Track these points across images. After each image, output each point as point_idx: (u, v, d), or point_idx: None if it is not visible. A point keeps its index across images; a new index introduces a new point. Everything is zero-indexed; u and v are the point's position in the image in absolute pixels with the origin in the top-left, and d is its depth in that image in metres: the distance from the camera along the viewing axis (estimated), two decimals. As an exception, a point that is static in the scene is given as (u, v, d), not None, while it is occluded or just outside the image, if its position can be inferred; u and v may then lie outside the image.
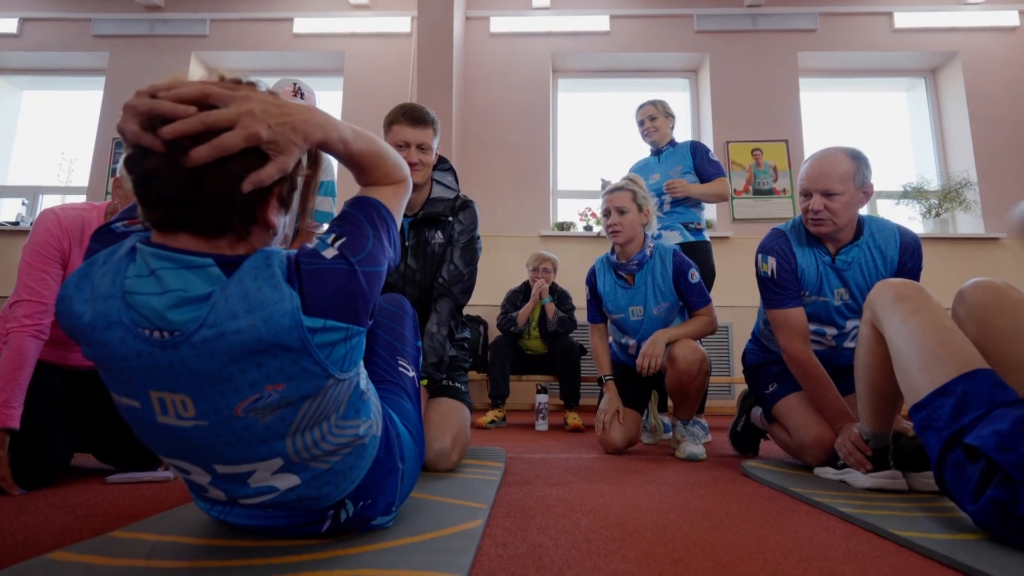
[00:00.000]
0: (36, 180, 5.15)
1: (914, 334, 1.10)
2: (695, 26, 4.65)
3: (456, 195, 1.77)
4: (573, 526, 1.04)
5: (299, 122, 0.69)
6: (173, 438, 0.70)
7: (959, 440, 0.95)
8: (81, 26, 4.85)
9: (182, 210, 0.64)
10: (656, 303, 2.02)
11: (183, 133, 0.62)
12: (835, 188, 1.52)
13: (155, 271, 0.65)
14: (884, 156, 4.88)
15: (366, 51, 4.74)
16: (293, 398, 0.69)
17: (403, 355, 1.23)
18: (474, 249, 1.75)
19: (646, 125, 2.67)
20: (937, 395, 1.01)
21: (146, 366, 0.65)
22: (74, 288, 0.67)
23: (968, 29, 4.56)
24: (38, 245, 1.38)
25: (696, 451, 1.88)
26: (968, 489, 0.92)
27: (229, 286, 0.65)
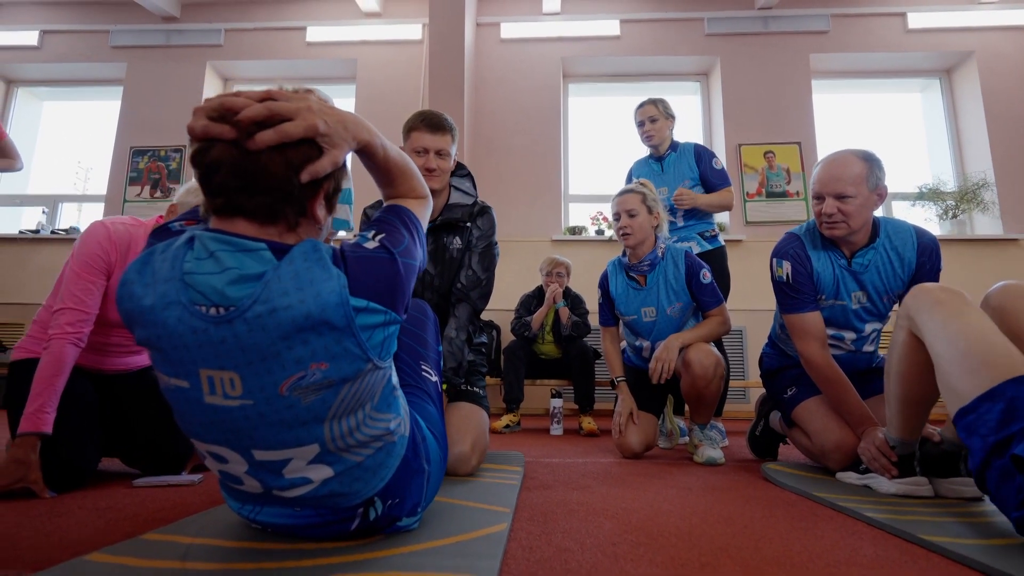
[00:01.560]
0: (55, 189, 5.25)
1: (956, 338, 1.08)
2: (706, 29, 4.64)
3: (474, 201, 1.78)
4: (597, 530, 1.04)
5: (350, 122, 0.77)
6: (217, 419, 0.73)
7: (1006, 447, 0.92)
8: (99, 38, 4.95)
9: (241, 196, 0.70)
10: (669, 303, 2.02)
11: (252, 118, 0.69)
12: (848, 191, 1.51)
13: (213, 253, 0.70)
14: (899, 157, 4.84)
15: (378, 58, 4.79)
16: (335, 379, 0.72)
17: (426, 360, 1.24)
18: (492, 255, 1.76)
19: (646, 127, 2.55)
20: (984, 399, 0.99)
21: (200, 343, 0.69)
22: (135, 274, 0.73)
23: (983, 29, 4.52)
24: (87, 256, 1.41)
25: (714, 455, 1.87)
26: (1013, 496, 0.91)
27: (281, 267, 0.70)
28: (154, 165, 4.71)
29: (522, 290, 3.49)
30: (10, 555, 0.84)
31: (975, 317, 1.10)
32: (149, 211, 4.60)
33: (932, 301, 1.17)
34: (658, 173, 2.58)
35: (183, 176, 4.66)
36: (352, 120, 0.78)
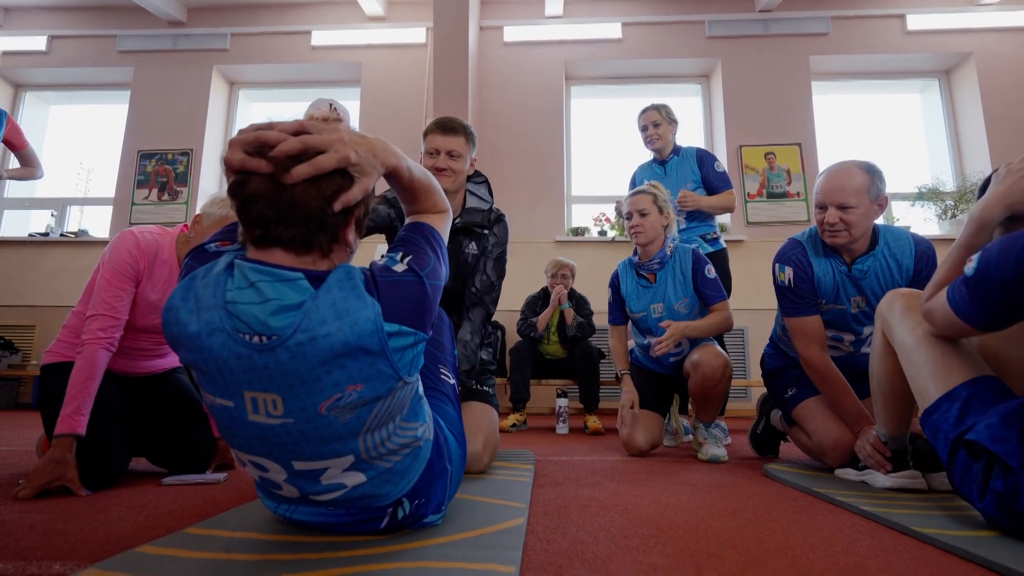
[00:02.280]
0: (63, 192, 5.31)
1: (920, 344, 1.17)
2: (707, 32, 4.70)
3: (490, 207, 1.83)
4: (609, 524, 1.10)
5: (379, 149, 0.82)
6: (260, 435, 0.79)
7: (963, 441, 1.02)
8: (107, 42, 5.01)
9: (279, 227, 0.74)
10: (677, 299, 2.09)
11: (287, 153, 0.73)
12: (850, 202, 1.57)
13: (254, 283, 0.74)
14: (898, 158, 4.90)
15: (382, 62, 4.85)
16: (369, 398, 0.78)
17: (443, 363, 1.30)
18: (504, 261, 1.82)
19: (649, 131, 2.60)
20: (944, 400, 1.09)
21: (244, 368, 0.74)
22: (180, 300, 0.77)
23: (982, 30, 4.57)
24: (118, 264, 1.47)
25: (718, 453, 1.93)
26: (975, 487, 0.99)
27: (319, 296, 0.75)
28: (161, 168, 4.77)
29: (527, 291, 3.55)
30: (65, 548, 0.90)
31: None
32: (157, 214, 4.66)
33: (903, 307, 1.25)
34: (661, 176, 2.63)
35: (191, 179, 4.72)
36: (380, 147, 0.82)
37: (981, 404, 1.03)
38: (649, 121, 2.61)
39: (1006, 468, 0.94)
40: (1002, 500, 0.94)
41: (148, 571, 0.77)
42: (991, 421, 0.97)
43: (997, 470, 0.95)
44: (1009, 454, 0.93)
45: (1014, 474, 0.92)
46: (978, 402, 1.04)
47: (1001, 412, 0.98)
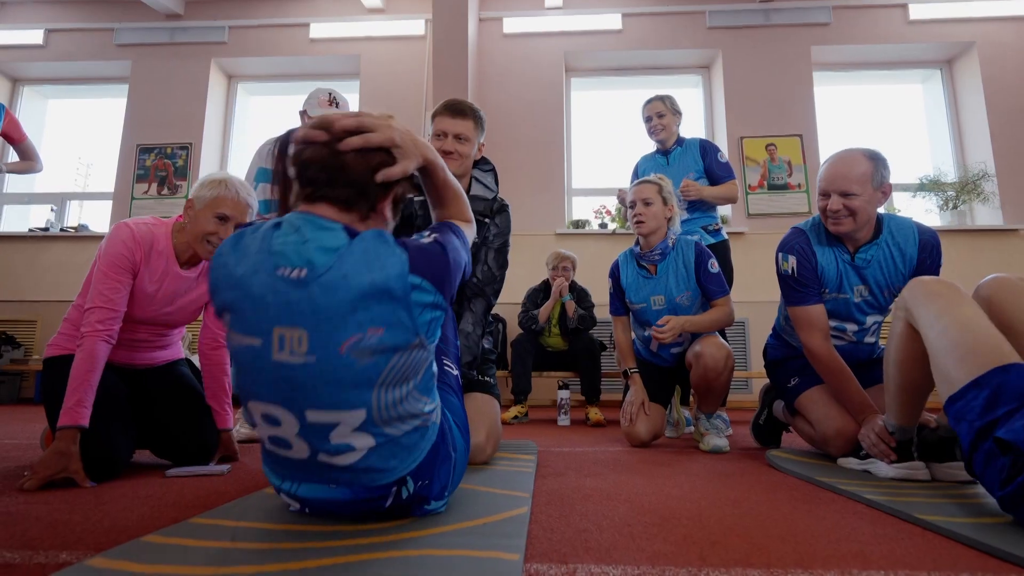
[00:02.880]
0: (62, 187, 5.30)
1: (949, 329, 1.14)
2: (707, 22, 4.67)
3: (494, 196, 1.81)
4: (612, 512, 1.11)
5: (420, 143, 0.95)
6: (281, 376, 0.82)
7: (990, 431, 0.99)
8: (104, 36, 4.99)
9: (327, 187, 0.87)
10: (679, 291, 2.08)
11: (344, 127, 0.88)
12: (853, 189, 1.56)
13: (299, 228, 0.84)
14: (900, 149, 4.88)
15: (381, 54, 4.82)
16: (387, 345, 0.83)
17: (447, 354, 1.30)
18: (506, 252, 1.81)
19: (653, 122, 2.61)
20: (971, 387, 1.05)
21: (278, 303, 0.81)
22: (230, 248, 0.88)
23: (984, 19, 4.55)
24: (114, 256, 1.47)
25: (720, 443, 1.93)
26: (998, 477, 0.97)
27: (354, 244, 0.84)
28: (161, 162, 4.76)
29: (528, 284, 3.54)
30: (71, 538, 0.91)
31: (968, 309, 1.16)
32: (156, 208, 4.65)
33: (928, 293, 1.23)
34: (664, 167, 2.63)
35: (190, 173, 4.71)
36: (422, 142, 0.95)
37: (1011, 393, 1.00)
38: (653, 112, 2.62)
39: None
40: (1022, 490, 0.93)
41: (154, 560, 0.77)
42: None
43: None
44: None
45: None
46: (1008, 391, 1.01)
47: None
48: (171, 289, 1.57)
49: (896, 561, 0.83)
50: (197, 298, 1.65)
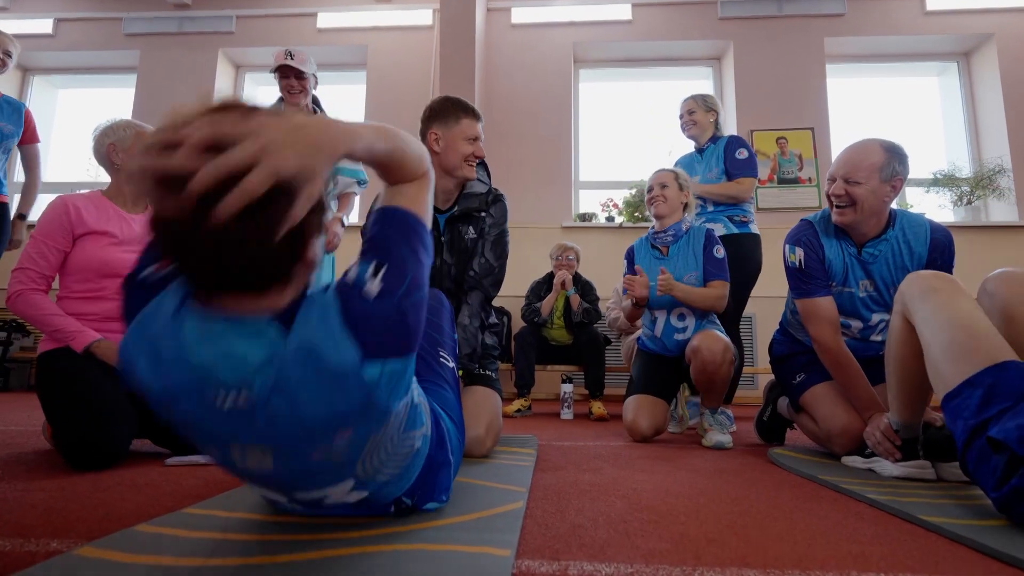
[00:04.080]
0: (72, 177, 5.33)
1: (944, 326, 1.12)
2: (719, 13, 4.60)
3: (488, 189, 1.81)
4: (608, 508, 1.09)
5: (321, 140, 0.64)
6: (255, 476, 0.79)
7: (984, 430, 0.98)
8: (113, 25, 5.00)
9: (219, 275, 0.62)
10: (687, 271, 2.12)
11: (205, 188, 0.56)
12: (858, 177, 1.54)
13: (211, 335, 0.65)
14: (915, 143, 4.79)
15: (389, 44, 4.80)
16: (362, 438, 0.74)
17: (443, 346, 1.29)
18: (504, 243, 1.80)
19: (685, 119, 2.67)
20: (966, 385, 1.04)
21: (224, 431, 0.70)
22: (134, 349, 0.68)
23: (1003, 10, 4.44)
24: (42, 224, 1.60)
25: (723, 439, 1.91)
26: (992, 477, 0.96)
27: (289, 345, 0.64)
28: (169, 152, 4.77)
29: (532, 276, 3.53)
30: (64, 526, 0.91)
31: (965, 305, 1.14)
32: (165, 198, 4.67)
33: (925, 288, 1.21)
34: (697, 163, 2.68)
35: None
36: (323, 136, 0.64)
37: (1005, 392, 0.99)
38: (685, 110, 2.68)
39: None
40: (1019, 494, 0.92)
41: (144, 550, 0.77)
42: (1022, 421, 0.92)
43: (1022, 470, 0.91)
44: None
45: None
46: (1002, 389, 0.99)
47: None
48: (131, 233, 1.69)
49: (896, 563, 0.81)
50: None
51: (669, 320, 2.14)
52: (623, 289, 2.20)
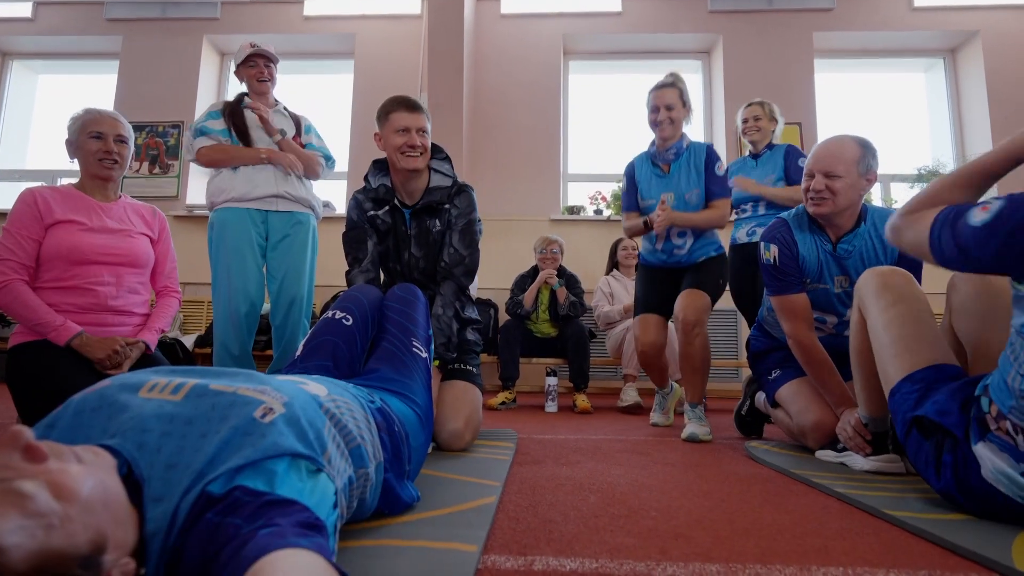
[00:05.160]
0: (53, 164, 5.24)
1: (891, 323, 1.17)
2: (709, 6, 4.58)
3: (453, 181, 1.83)
4: (582, 503, 1.11)
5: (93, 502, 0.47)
6: None
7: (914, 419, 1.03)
8: (94, 9, 4.89)
9: None
10: (688, 189, 2.15)
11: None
12: (838, 170, 1.56)
13: None
14: (900, 139, 4.82)
15: (376, 33, 4.74)
16: None
17: (416, 337, 1.29)
18: (473, 231, 1.80)
19: (749, 123, 2.68)
20: (906, 381, 1.10)
21: None
22: None
23: (989, 7, 4.46)
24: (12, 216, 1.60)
25: (695, 431, 1.93)
26: (930, 466, 1.01)
27: None
28: (152, 141, 4.70)
29: (519, 269, 3.52)
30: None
31: (914, 304, 1.20)
32: (148, 187, 4.61)
33: (879, 285, 1.25)
34: (752, 168, 2.68)
35: (181, 152, 4.65)
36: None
37: (939, 388, 1.04)
38: (751, 114, 2.69)
39: (954, 441, 0.96)
40: (955, 475, 0.97)
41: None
42: (938, 398, 1.00)
43: (947, 444, 0.97)
44: (953, 425, 0.95)
45: (960, 445, 0.95)
46: (938, 386, 1.04)
47: (947, 389, 1.00)
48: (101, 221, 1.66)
49: (856, 557, 0.83)
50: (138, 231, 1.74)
51: (669, 238, 2.19)
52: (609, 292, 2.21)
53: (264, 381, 0.70)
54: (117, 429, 0.58)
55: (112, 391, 0.63)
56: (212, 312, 4.27)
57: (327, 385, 0.86)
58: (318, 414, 0.71)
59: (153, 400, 0.62)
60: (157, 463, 0.56)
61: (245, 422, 0.60)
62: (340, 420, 0.78)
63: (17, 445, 0.44)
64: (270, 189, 2.18)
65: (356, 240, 1.81)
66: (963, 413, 0.96)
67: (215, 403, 0.62)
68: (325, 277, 3.52)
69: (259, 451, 0.57)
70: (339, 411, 0.79)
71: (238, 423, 0.60)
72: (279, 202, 2.22)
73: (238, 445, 0.58)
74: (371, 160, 1.90)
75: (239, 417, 0.60)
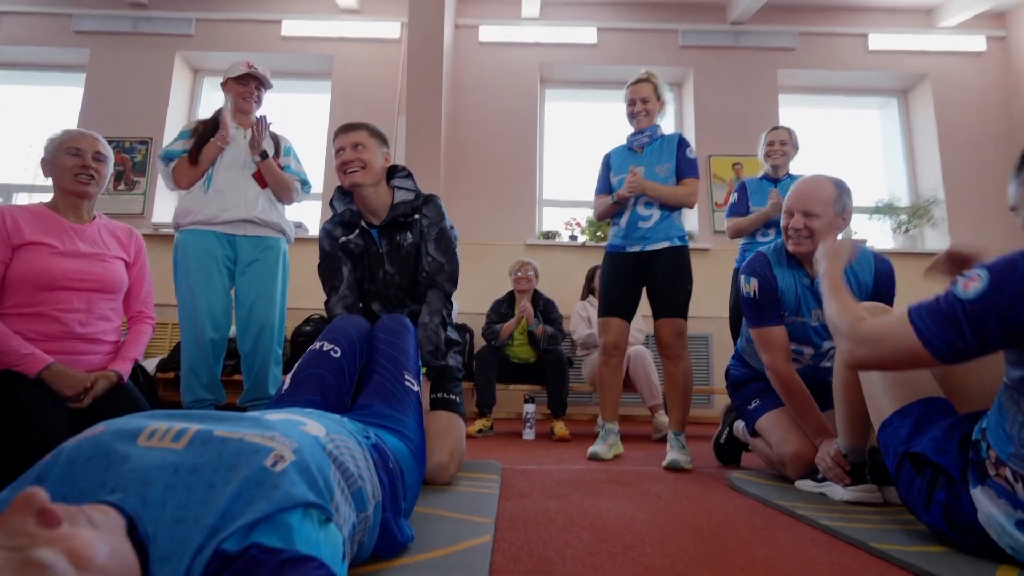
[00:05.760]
0: (10, 178, 5.02)
1: None
2: (680, 41, 4.76)
3: (416, 194, 1.82)
4: (576, 540, 1.10)
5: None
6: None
7: (908, 454, 1.06)
8: (62, 21, 4.75)
9: None
10: (659, 163, 2.25)
11: None
12: (816, 210, 1.63)
13: None
14: (857, 172, 5.06)
15: (355, 56, 4.74)
16: None
17: (407, 369, 1.28)
18: (448, 238, 1.79)
19: (776, 147, 2.75)
20: (897, 416, 1.14)
21: None
22: None
23: (938, 53, 4.77)
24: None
25: (677, 459, 1.95)
26: (921, 500, 1.03)
27: None
28: (118, 156, 4.54)
29: (495, 293, 3.52)
30: None
31: None
32: (113, 204, 4.45)
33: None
34: (767, 189, 2.75)
35: (149, 168, 4.53)
36: None
37: (931, 423, 1.07)
38: (778, 138, 2.77)
39: (949, 479, 0.98)
40: (945, 511, 0.99)
41: None
42: (935, 435, 1.02)
43: (940, 482, 0.99)
44: (951, 465, 0.97)
45: (955, 485, 0.96)
46: (928, 421, 1.07)
47: (944, 426, 1.02)
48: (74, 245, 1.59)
49: (851, 595, 0.85)
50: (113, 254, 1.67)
51: (635, 209, 2.25)
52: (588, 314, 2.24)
53: (270, 426, 0.68)
54: (117, 482, 0.55)
55: (107, 439, 0.60)
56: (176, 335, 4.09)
57: (324, 423, 0.84)
58: (323, 459, 0.69)
59: (155, 450, 0.59)
60: (163, 519, 0.53)
61: (256, 472, 0.58)
62: (341, 461, 0.76)
63: (31, 509, 0.42)
64: (239, 213, 2.13)
65: (330, 270, 1.81)
66: (961, 453, 0.98)
67: (221, 451, 0.60)
68: (298, 300, 3.44)
69: (273, 504, 0.55)
70: (339, 452, 0.77)
71: (248, 473, 0.57)
72: (248, 227, 2.17)
73: (250, 497, 0.55)
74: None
75: (249, 466, 0.58)
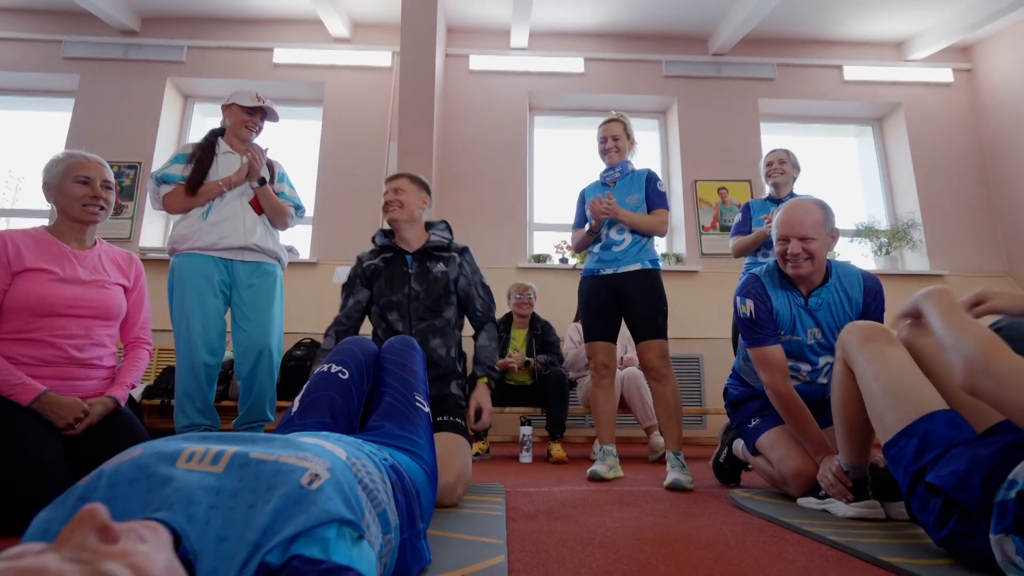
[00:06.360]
0: (-7, 202, 4.95)
1: (880, 375, 1.24)
2: (664, 71, 4.92)
3: (451, 241, 2.05)
4: (589, 560, 1.09)
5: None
6: None
7: (922, 476, 1.07)
8: (51, 47, 4.76)
9: None
10: (629, 194, 2.37)
11: None
12: (810, 233, 1.68)
13: None
14: (838, 197, 5.22)
15: (346, 83, 4.81)
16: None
17: (418, 390, 1.28)
18: (486, 284, 2.05)
19: (775, 167, 2.84)
20: (902, 435, 1.15)
21: None
22: None
23: (910, 83, 4.99)
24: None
25: (678, 479, 1.96)
26: (932, 520, 1.04)
27: None
28: (106, 181, 4.52)
29: (490, 317, 3.53)
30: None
31: (897, 355, 1.27)
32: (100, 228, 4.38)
33: (861, 338, 1.33)
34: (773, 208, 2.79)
35: (137, 193, 4.50)
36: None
37: (937, 440, 1.09)
38: (776, 159, 2.87)
39: (966, 513, 0.97)
40: (956, 536, 0.99)
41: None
42: (957, 468, 0.98)
43: (959, 513, 0.98)
44: (970, 503, 0.95)
45: (973, 520, 0.95)
46: (935, 438, 1.09)
47: (968, 457, 0.99)
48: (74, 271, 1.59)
49: (868, 607, 0.86)
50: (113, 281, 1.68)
51: (609, 234, 2.36)
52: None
53: (301, 447, 0.68)
54: (162, 502, 0.55)
55: (149, 461, 0.60)
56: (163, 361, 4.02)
57: (343, 446, 0.83)
58: (352, 479, 0.70)
59: (194, 472, 0.59)
60: (208, 536, 0.53)
61: (294, 489, 0.58)
62: (365, 483, 0.76)
63: (94, 524, 0.42)
64: (238, 241, 2.14)
65: (345, 296, 2.01)
66: (984, 491, 0.92)
67: (259, 472, 0.60)
68: (289, 324, 3.41)
69: (312, 519, 0.56)
70: (362, 474, 0.77)
71: (287, 491, 0.58)
72: (245, 253, 2.18)
73: (290, 514, 0.56)
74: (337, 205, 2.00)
75: (287, 484, 0.59)
